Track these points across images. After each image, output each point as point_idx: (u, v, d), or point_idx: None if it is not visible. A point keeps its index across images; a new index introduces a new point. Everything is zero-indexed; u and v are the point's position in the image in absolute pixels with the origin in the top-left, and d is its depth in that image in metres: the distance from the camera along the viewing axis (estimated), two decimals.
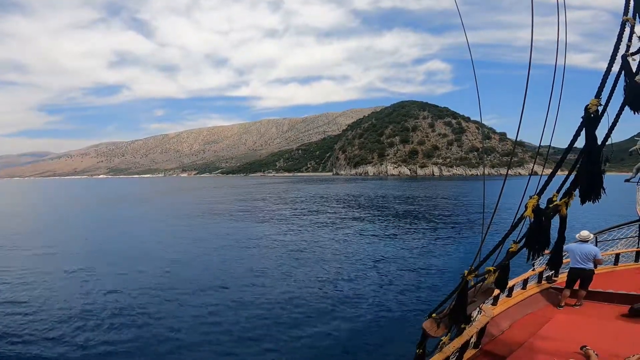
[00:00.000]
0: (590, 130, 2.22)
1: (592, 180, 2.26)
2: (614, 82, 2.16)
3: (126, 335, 8.24)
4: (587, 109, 2.20)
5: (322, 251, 16.84)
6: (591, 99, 2.19)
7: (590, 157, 2.24)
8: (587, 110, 2.20)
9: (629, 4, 2.16)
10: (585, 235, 6.79)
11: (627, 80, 2.18)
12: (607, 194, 2.32)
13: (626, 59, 2.19)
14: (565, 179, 2.41)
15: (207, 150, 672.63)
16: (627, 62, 2.18)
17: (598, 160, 2.25)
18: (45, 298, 10.88)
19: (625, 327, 5.19)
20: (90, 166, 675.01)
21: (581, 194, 2.32)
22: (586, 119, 2.21)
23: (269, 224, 26.28)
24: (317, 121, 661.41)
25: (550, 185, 2.47)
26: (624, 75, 2.18)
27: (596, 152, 2.24)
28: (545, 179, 2.53)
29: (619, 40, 2.16)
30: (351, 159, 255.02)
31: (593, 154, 2.24)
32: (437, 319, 2.95)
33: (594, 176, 2.25)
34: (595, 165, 2.25)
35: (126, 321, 9.01)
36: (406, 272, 13.02)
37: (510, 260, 2.71)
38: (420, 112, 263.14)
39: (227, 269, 13.86)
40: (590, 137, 2.23)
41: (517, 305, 5.86)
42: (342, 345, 7.59)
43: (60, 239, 21.42)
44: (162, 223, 28.46)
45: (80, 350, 7.59)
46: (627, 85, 2.19)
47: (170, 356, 7.35)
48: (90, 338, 8.11)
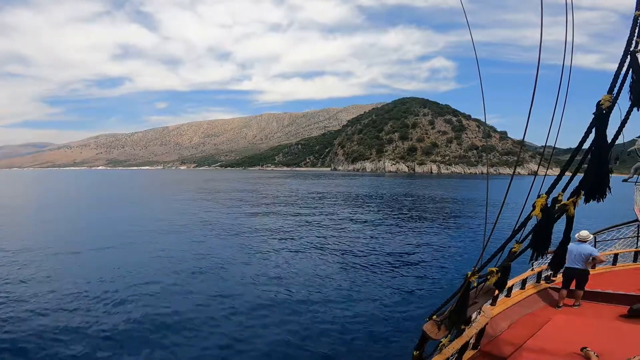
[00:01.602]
0: (601, 127, 2.19)
1: (599, 178, 2.22)
2: (622, 79, 2.13)
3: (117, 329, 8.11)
4: (599, 104, 2.17)
5: (316, 251, 16.59)
6: (603, 95, 2.16)
7: (599, 155, 2.20)
8: (599, 106, 2.17)
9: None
10: (584, 235, 6.75)
11: (633, 77, 2.15)
12: (612, 193, 2.31)
13: (635, 55, 2.15)
14: (570, 178, 2.39)
15: (207, 143, 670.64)
16: (636, 58, 2.15)
17: (607, 158, 2.22)
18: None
19: (624, 328, 5.14)
20: (89, 157, 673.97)
21: (586, 192, 2.29)
22: (598, 115, 2.18)
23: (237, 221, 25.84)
24: (318, 116, 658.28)
25: (555, 186, 2.45)
26: (632, 72, 2.14)
27: (605, 150, 2.20)
28: (550, 179, 2.51)
29: (631, 36, 2.13)
30: (349, 154, 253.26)
31: (602, 151, 2.20)
32: (438, 321, 2.87)
33: (602, 175, 2.22)
34: (603, 164, 2.21)
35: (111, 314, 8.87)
36: (405, 273, 12.84)
37: (512, 261, 2.70)
38: (420, 109, 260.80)
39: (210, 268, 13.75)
40: (601, 134, 2.19)
41: (516, 306, 5.82)
42: (340, 348, 7.47)
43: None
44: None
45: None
46: (633, 82, 2.15)
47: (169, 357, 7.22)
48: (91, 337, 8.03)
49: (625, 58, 2.11)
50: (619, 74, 2.12)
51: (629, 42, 2.10)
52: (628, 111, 2.16)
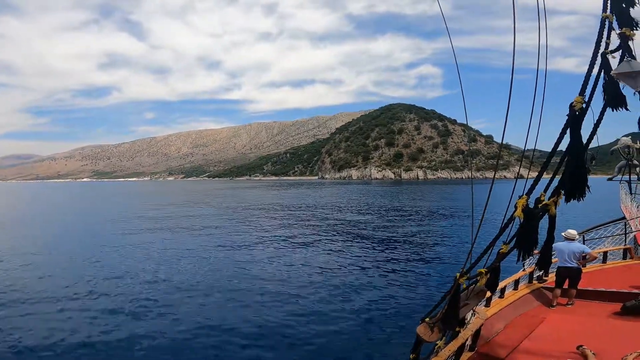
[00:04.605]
0: (576, 128, 2.22)
1: (576, 178, 2.25)
2: (595, 81, 2.16)
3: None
4: (571, 106, 2.20)
5: (303, 258, 16.62)
6: (575, 97, 2.20)
7: (576, 156, 2.23)
8: (571, 107, 2.20)
9: (607, 1, 2.16)
10: (572, 233, 6.81)
11: (605, 78, 2.19)
12: (591, 192, 2.33)
13: (605, 57, 2.19)
14: (551, 179, 2.42)
15: (196, 154, 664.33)
16: (607, 59, 2.19)
17: (583, 158, 2.25)
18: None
19: (619, 325, 5.23)
20: (74, 169, 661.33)
21: (566, 192, 2.32)
22: (571, 116, 2.21)
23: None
24: (307, 125, 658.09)
25: (536, 187, 2.50)
26: (604, 73, 2.18)
27: (581, 151, 2.24)
28: (532, 181, 2.54)
29: (599, 38, 2.16)
30: (336, 162, 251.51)
31: (578, 152, 2.23)
32: (431, 323, 2.91)
33: (579, 175, 2.25)
34: (580, 164, 2.24)
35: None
36: (396, 277, 12.84)
37: (501, 261, 2.73)
38: (406, 115, 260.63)
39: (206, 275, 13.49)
40: (575, 135, 2.22)
41: (510, 306, 5.83)
42: (333, 354, 7.46)
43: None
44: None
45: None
46: (606, 83, 2.19)
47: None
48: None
49: (595, 60, 2.13)
50: (589, 76, 2.13)
51: (597, 43, 2.12)
52: (601, 112, 2.19)
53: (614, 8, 2.18)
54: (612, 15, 2.17)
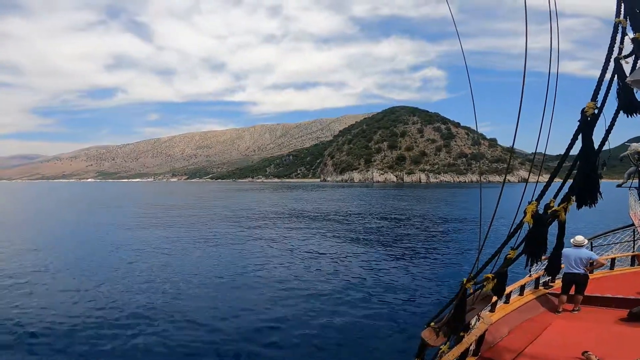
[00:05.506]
0: (587, 133, 2.20)
1: (588, 184, 2.23)
2: (608, 86, 2.15)
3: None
4: (583, 112, 2.18)
5: (309, 258, 16.62)
6: (587, 102, 2.17)
7: (587, 161, 2.21)
8: (583, 113, 2.18)
9: (621, 6, 2.15)
10: (580, 240, 6.78)
11: (619, 83, 2.17)
12: (603, 198, 2.31)
13: (619, 62, 2.18)
14: (562, 185, 2.41)
15: (199, 155, 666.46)
16: (620, 65, 2.17)
17: (595, 164, 2.22)
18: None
19: (625, 332, 5.19)
20: (79, 170, 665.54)
21: (577, 198, 2.29)
22: (583, 122, 2.19)
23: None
24: (311, 127, 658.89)
25: (545, 192, 2.47)
26: (617, 78, 2.16)
27: (593, 156, 2.21)
28: (541, 186, 2.51)
29: (612, 43, 2.15)
30: (338, 165, 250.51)
31: (590, 157, 2.20)
32: (436, 327, 2.90)
33: (591, 180, 2.22)
34: (592, 169, 2.21)
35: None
36: (402, 281, 12.81)
37: (508, 267, 2.71)
38: (410, 117, 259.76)
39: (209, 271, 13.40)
40: (587, 140, 2.20)
41: (515, 312, 5.80)
42: (338, 356, 7.46)
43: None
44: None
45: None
46: (620, 88, 2.16)
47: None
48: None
49: (607, 65, 2.11)
50: (602, 81, 2.11)
51: (610, 49, 2.11)
52: (614, 117, 2.16)
53: (627, 13, 2.15)
54: (626, 20, 2.14)
